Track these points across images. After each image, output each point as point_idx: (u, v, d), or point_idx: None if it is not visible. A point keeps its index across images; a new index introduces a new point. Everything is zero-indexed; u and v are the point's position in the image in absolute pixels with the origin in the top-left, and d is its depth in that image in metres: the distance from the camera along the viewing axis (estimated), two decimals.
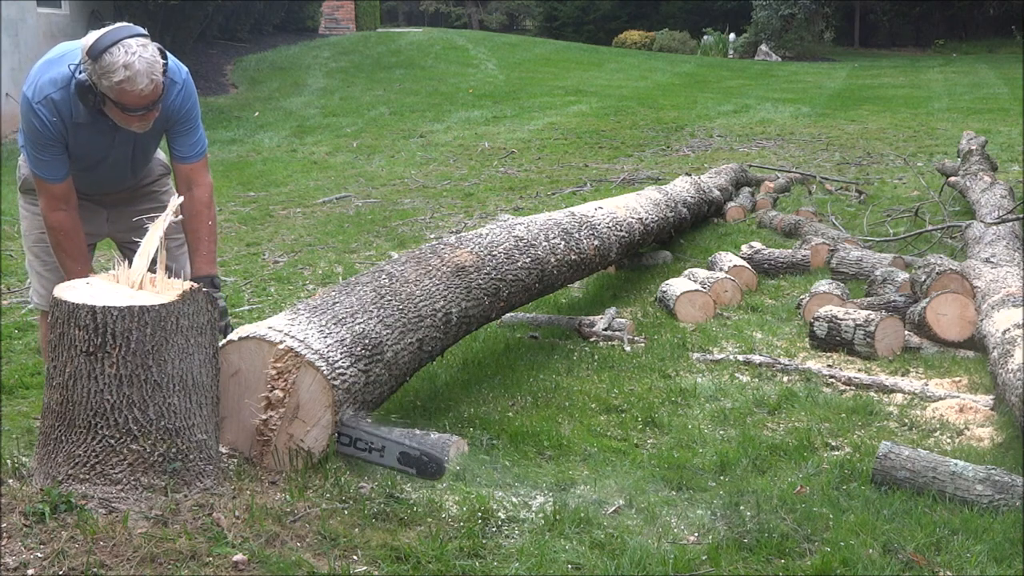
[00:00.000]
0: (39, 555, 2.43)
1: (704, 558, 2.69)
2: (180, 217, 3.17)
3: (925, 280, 4.91)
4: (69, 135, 3.20)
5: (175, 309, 2.73)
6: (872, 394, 4.05)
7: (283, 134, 13.88)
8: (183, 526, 2.60)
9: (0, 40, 13.26)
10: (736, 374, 4.34)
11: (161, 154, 3.63)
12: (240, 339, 3.12)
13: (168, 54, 3.18)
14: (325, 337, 3.17)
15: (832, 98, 16.15)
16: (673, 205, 6.47)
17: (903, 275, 5.34)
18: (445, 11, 42.80)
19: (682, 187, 7.03)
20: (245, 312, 5.66)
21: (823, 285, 5.26)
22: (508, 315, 4.82)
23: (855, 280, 5.72)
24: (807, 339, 4.75)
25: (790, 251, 6.35)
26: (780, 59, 24.33)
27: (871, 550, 2.71)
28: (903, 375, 4.32)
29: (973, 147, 8.39)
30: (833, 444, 3.54)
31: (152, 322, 2.68)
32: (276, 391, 3.06)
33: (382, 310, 3.46)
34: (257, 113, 15.42)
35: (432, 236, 7.59)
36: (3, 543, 2.45)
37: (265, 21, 22.68)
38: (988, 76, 18.75)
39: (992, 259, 5.14)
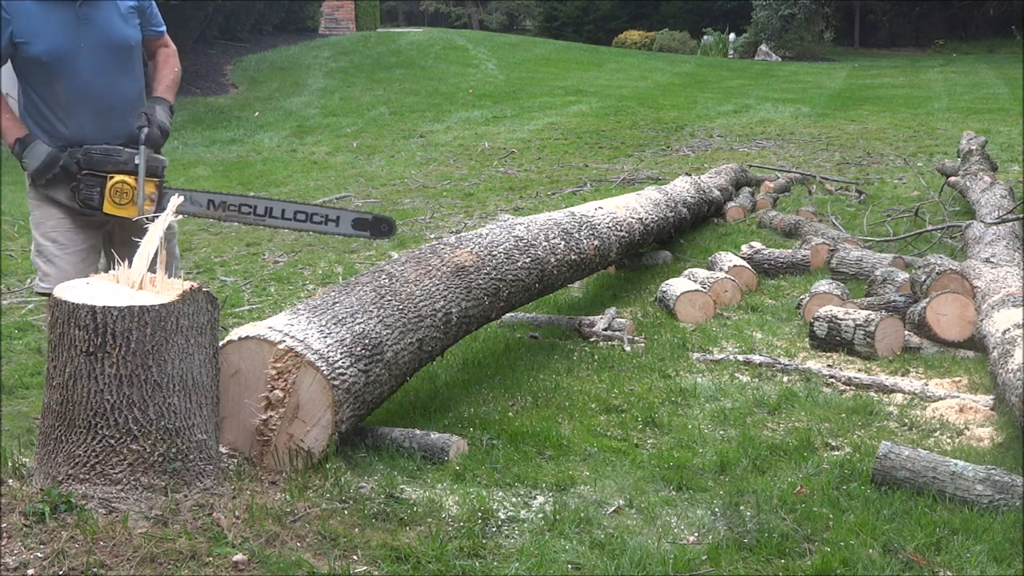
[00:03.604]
0: (39, 555, 2.43)
1: (704, 558, 2.69)
2: (180, 217, 3.18)
3: (925, 280, 4.91)
4: (27, 19, 3.40)
5: (175, 309, 2.73)
6: (872, 394, 4.05)
7: (283, 134, 13.88)
8: (183, 526, 2.60)
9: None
10: (736, 374, 4.34)
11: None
12: (240, 339, 3.12)
13: None
14: (325, 337, 3.17)
15: (832, 98, 16.15)
16: (673, 205, 6.48)
17: (903, 275, 5.34)
18: (445, 11, 42.76)
19: (682, 187, 7.03)
20: (245, 312, 5.66)
21: (823, 285, 5.26)
22: (508, 315, 4.82)
23: (855, 280, 5.72)
24: (807, 339, 4.75)
25: (790, 251, 6.35)
26: (780, 59, 24.33)
27: (871, 550, 2.71)
28: (903, 375, 4.32)
29: (973, 147, 8.39)
30: (833, 444, 3.54)
31: (152, 322, 2.68)
32: (276, 391, 3.06)
33: (382, 310, 3.46)
34: (257, 113, 15.42)
35: (432, 236, 7.59)
36: (3, 543, 2.46)
37: (265, 21, 22.67)
38: (988, 76, 18.75)
39: (992, 259, 5.14)
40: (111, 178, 3.49)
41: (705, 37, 27.13)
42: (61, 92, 3.50)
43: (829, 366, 4.42)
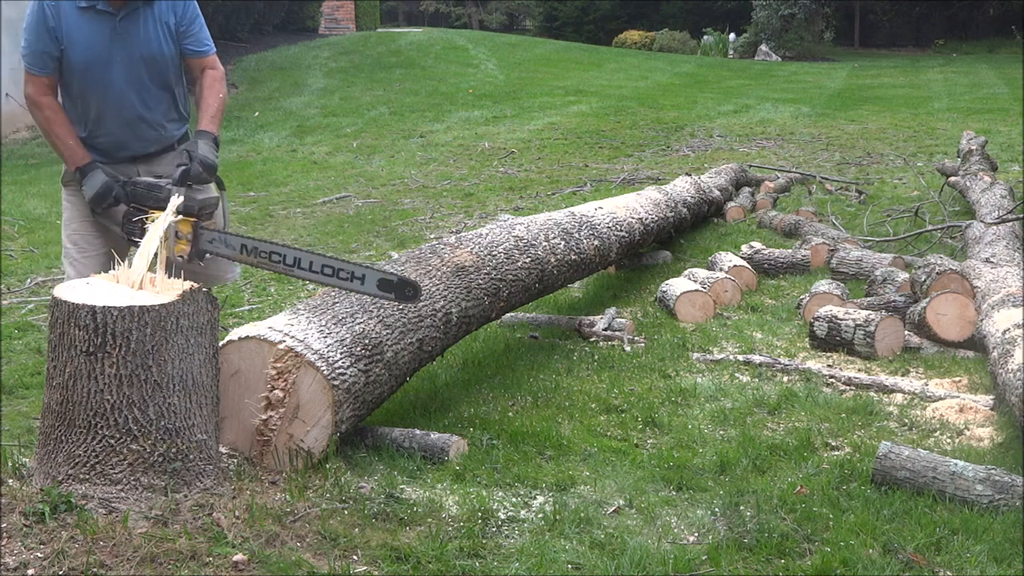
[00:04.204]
0: (39, 555, 2.43)
1: (704, 558, 2.69)
2: (179, 217, 3.18)
3: (925, 280, 4.91)
4: (69, 26, 3.39)
5: (175, 309, 2.73)
6: (872, 394, 4.05)
7: (283, 134, 13.88)
8: (183, 526, 2.60)
9: (0, 40, 13.25)
10: (736, 374, 4.34)
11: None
12: (240, 339, 3.12)
13: None
14: (325, 337, 3.17)
15: (832, 98, 16.15)
16: (673, 205, 6.48)
17: (903, 275, 5.34)
18: (445, 11, 42.74)
19: (682, 187, 7.03)
20: (245, 312, 5.66)
21: (823, 285, 5.26)
22: (508, 315, 4.82)
23: (855, 280, 5.72)
24: (807, 339, 4.75)
25: (790, 251, 6.35)
26: (780, 59, 24.32)
27: (871, 550, 2.71)
28: (903, 375, 4.32)
29: (973, 147, 8.39)
30: (833, 444, 3.54)
31: (152, 322, 2.68)
32: (276, 391, 3.07)
33: (382, 310, 3.46)
34: (257, 113, 15.42)
35: (432, 236, 7.59)
36: (3, 543, 2.46)
37: (265, 21, 22.65)
38: (988, 76, 18.74)
39: (992, 259, 5.14)
40: (152, 214, 3.47)
41: (705, 37, 27.12)
42: (91, 101, 3.50)
43: (829, 366, 4.42)
